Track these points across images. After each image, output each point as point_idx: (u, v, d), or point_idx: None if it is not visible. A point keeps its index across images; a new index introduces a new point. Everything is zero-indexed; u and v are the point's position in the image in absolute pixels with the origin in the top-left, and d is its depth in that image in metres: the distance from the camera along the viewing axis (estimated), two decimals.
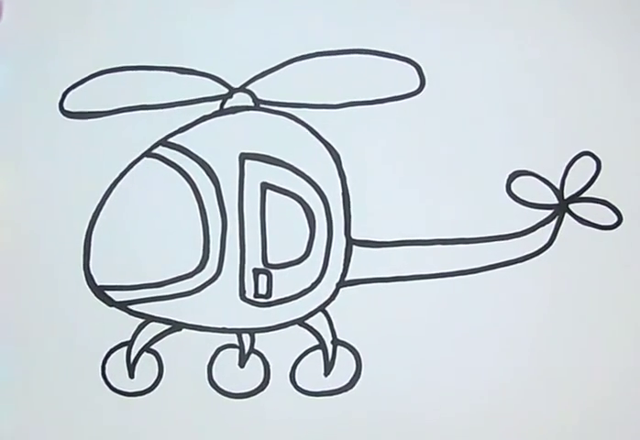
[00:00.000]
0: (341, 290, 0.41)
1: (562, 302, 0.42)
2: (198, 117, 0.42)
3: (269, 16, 0.42)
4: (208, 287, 0.41)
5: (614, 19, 0.43)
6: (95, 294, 0.41)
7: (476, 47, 0.42)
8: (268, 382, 0.41)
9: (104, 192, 0.41)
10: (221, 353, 0.41)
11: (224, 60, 0.41)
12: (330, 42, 0.42)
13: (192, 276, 0.41)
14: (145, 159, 0.41)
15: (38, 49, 0.42)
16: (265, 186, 0.41)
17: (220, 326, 0.41)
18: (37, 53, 0.42)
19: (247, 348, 0.41)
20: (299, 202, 0.41)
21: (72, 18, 0.42)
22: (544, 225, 0.42)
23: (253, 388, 0.41)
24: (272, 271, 0.41)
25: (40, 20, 0.42)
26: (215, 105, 0.42)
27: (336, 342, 0.41)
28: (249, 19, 0.42)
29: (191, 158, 0.41)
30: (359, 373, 0.41)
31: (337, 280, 0.41)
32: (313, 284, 0.41)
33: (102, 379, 0.41)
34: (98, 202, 0.41)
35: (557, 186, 0.42)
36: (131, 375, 0.41)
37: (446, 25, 0.42)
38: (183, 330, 0.41)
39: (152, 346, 0.41)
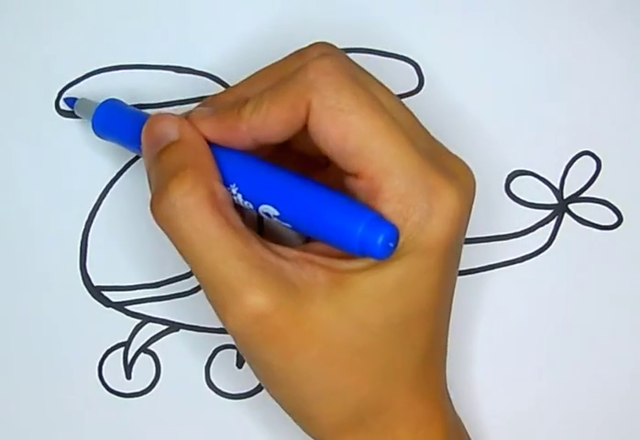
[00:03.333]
0: None
1: (561, 302, 0.42)
2: None
3: (267, 15, 0.42)
4: None
5: (616, 18, 0.43)
6: (92, 295, 0.41)
7: (476, 46, 0.42)
8: None
9: (100, 192, 0.41)
10: (219, 354, 0.41)
11: (222, 60, 0.41)
12: (328, 41, 0.42)
13: (189, 276, 0.41)
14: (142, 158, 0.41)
15: (33, 47, 0.42)
16: None
17: (218, 327, 0.41)
18: (32, 51, 0.41)
19: None
20: None
21: (69, 17, 0.41)
22: (543, 225, 0.42)
23: (251, 388, 0.41)
24: None
25: (35, 18, 0.42)
26: None
27: None
28: (248, 18, 0.42)
29: None
30: None
31: None
32: None
33: (99, 380, 0.41)
34: (95, 201, 0.41)
35: (557, 186, 0.42)
36: (128, 376, 0.41)
37: (445, 23, 0.42)
38: (181, 331, 0.41)
39: (149, 347, 0.41)
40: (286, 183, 0.31)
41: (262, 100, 0.31)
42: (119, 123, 0.37)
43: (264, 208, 0.31)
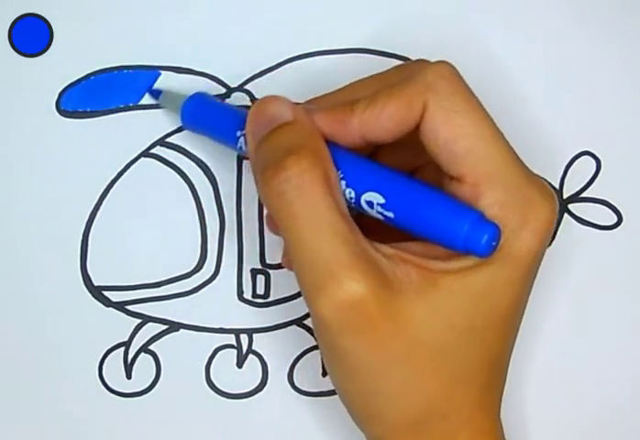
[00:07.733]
0: None
1: (561, 302, 0.42)
2: None
3: (267, 15, 0.42)
4: (206, 287, 0.41)
5: (616, 18, 0.42)
6: (93, 295, 0.41)
7: (475, 46, 0.42)
8: (266, 383, 0.41)
9: (101, 192, 0.41)
10: (219, 353, 0.41)
11: (221, 60, 0.41)
12: (329, 41, 0.42)
13: (189, 276, 0.41)
14: (142, 158, 0.41)
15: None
16: None
17: (218, 327, 0.41)
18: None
19: (245, 349, 0.41)
20: None
21: (69, 16, 0.41)
22: None
23: (251, 388, 0.41)
24: (270, 272, 0.41)
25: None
26: None
27: None
28: (248, 18, 0.42)
29: (189, 158, 0.41)
30: None
31: None
32: None
33: (99, 380, 0.41)
34: (95, 202, 0.41)
35: (557, 186, 0.42)
36: (128, 376, 0.41)
37: (445, 24, 0.42)
38: (181, 330, 0.41)
39: (150, 347, 0.41)
40: (393, 174, 0.31)
41: (378, 97, 0.31)
42: (210, 114, 0.37)
43: (368, 196, 0.31)
